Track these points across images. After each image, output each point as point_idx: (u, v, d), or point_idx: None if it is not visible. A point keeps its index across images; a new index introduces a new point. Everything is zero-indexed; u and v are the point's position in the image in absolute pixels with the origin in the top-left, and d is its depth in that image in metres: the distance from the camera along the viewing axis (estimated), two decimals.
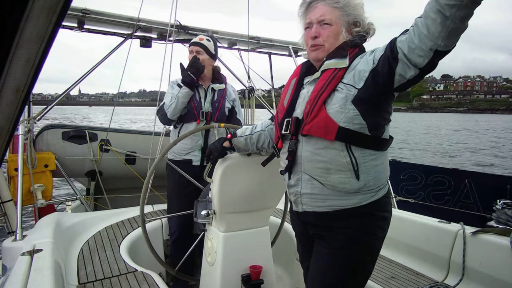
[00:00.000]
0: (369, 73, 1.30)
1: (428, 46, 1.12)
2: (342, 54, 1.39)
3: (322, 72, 1.42)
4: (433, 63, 1.17)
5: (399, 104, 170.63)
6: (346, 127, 1.31)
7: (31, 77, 0.47)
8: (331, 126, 1.32)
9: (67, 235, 2.33)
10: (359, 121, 1.31)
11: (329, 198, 1.38)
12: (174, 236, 2.66)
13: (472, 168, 12.95)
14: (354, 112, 1.31)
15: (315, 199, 1.41)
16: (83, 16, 3.21)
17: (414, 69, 1.20)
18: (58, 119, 26.21)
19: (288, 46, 4.47)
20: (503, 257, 1.97)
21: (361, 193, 1.36)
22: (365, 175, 1.35)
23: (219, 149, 1.84)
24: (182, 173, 2.34)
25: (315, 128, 1.35)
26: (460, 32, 1.10)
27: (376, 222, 1.42)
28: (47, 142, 3.62)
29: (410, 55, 1.17)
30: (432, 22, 1.09)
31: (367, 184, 1.36)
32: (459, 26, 1.07)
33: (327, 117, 1.33)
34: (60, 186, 7.26)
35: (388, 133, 1.42)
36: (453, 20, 1.04)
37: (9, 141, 0.56)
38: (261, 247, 2.10)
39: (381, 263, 2.41)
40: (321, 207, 1.41)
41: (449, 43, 1.11)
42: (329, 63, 1.40)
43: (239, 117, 2.88)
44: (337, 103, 1.32)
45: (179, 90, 2.59)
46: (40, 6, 0.40)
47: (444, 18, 1.05)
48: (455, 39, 1.11)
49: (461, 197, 4.03)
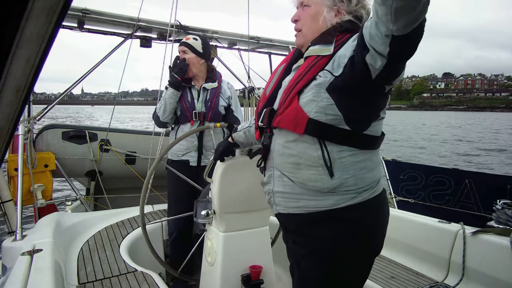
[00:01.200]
0: (348, 59, 1.14)
1: (382, 31, 0.99)
2: (328, 40, 1.23)
3: (305, 59, 1.29)
4: (397, 50, 1.01)
5: (399, 102, 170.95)
6: (317, 118, 1.17)
7: (31, 77, 0.47)
8: (301, 118, 1.19)
9: (67, 235, 2.33)
10: (332, 111, 1.16)
11: (303, 198, 1.23)
12: (172, 236, 2.67)
13: (472, 167, 12.98)
14: (328, 101, 1.16)
15: (288, 198, 1.27)
16: (83, 16, 3.21)
17: (381, 57, 1.04)
18: (60, 117, 26.26)
19: (288, 46, 4.47)
20: (503, 257, 1.97)
21: (337, 193, 1.19)
22: (341, 173, 1.18)
23: (225, 143, 1.82)
24: (180, 175, 2.35)
25: (285, 121, 1.23)
26: (411, 10, 0.91)
27: (357, 230, 1.22)
28: (47, 142, 3.62)
29: (372, 43, 1.04)
30: (377, 5, 0.95)
31: (344, 183, 1.18)
32: (402, 3, 0.90)
33: (297, 108, 1.20)
34: (60, 186, 7.25)
35: (377, 130, 1.25)
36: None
37: (9, 141, 0.56)
38: (261, 247, 2.10)
39: (381, 263, 2.41)
40: (294, 208, 1.26)
41: (401, 26, 0.94)
42: (313, 49, 1.26)
43: (237, 114, 2.84)
44: (310, 91, 1.19)
45: (166, 92, 2.62)
46: (40, 6, 0.40)
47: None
48: (406, 20, 0.93)
49: (461, 197, 4.02)
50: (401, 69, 1.12)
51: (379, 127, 1.27)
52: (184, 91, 2.67)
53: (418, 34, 0.99)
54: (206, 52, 2.73)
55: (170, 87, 2.60)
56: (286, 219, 1.34)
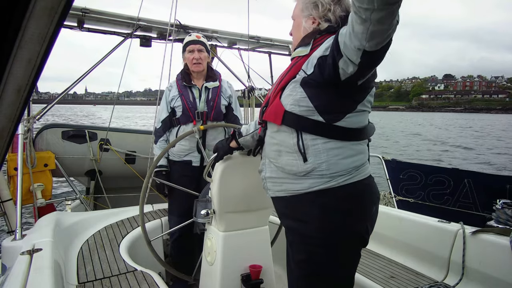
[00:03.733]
0: (316, 60, 1.27)
1: (355, 45, 1.08)
2: (306, 42, 1.39)
3: (291, 60, 1.46)
4: (367, 61, 1.12)
5: (399, 103, 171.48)
6: (292, 110, 1.32)
7: (32, 77, 0.47)
8: (279, 111, 1.35)
9: (66, 234, 2.33)
10: (305, 104, 1.30)
11: (285, 182, 1.38)
12: (174, 236, 2.66)
13: (471, 167, 13.07)
14: (301, 95, 1.31)
15: (275, 183, 1.42)
16: (83, 16, 3.20)
17: (352, 65, 1.15)
18: (62, 116, 26.20)
19: (288, 46, 4.47)
20: (503, 257, 1.97)
21: (311, 177, 1.30)
22: (314, 158, 1.29)
23: (225, 148, 1.84)
24: (171, 185, 2.40)
25: (268, 114, 1.42)
26: (384, 33, 1.02)
27: (331, 213, 1.30)
28: (47, 141, 3.62)
29: (345, 51, 1.14)
30: (355, 21, 1.04)
31: (317, 167, 1.29)
32: (378, 28, 1.00)
33: (278, 102, 1.37)
34: (60, 186, 7.25)
35: (356, 122, 1.33)
36: (371, 23, 0.99)
37: (10, 142, 0.56)
38: (260, 247, 2.10)
39: (380, 263, 2.41)
40: (280, 192, 1.40)
41: (373, 44, 1.05)
42: (296, 51, 1.43)
43: (236, 113, 2.83)
44: (289, 87, 1.35)
45: (154, 148, 2.71)
46: (42, 6, 0.40)
47: (362, 20, 1.01)
48: (378, 40, 1.04)
49: (460, 196, 4.03)
50: (368, 73, 1.23)
51: (358, 119, 1.34)
52: (185, 90, 2.65)
53: (386, 50, 1.11)
54: (209, 50, 2.75)
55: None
56: (276, 203, 1.47)
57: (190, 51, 2.64)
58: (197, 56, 2.61)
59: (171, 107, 2.65)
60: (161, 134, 2.69)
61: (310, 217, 1.32)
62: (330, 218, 1.30)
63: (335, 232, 1.31)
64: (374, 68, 1.23)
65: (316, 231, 1.31)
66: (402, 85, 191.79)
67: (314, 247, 1.33)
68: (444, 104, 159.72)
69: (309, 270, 1.37)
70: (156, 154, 2.68)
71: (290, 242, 1.44)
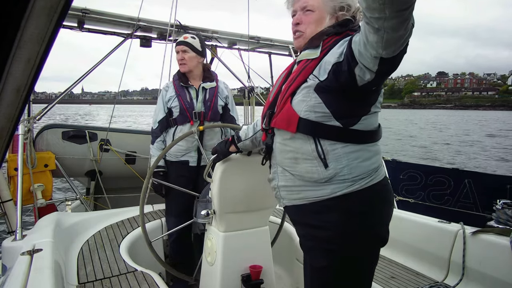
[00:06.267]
0: (331, 66, 1.22)
1: (371, 54, 1.06)
2: (315, 44, 1.33)
3: (298, 63, 1.39)
4: (386, 68, 1.10)
5: (391, 101, 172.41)
6: (307, 117, 1.26)
7: (31, 77, 0.47)
8: (292, 118, 1.29)
9: (67, 235, 2.33)
10: (321, 110, 1.25)
11: (303, 189, 1.32)
12: (172, 236, 2.66)
13: (471, 167, 13.06)
14: (316, 100, 1.26)
15: (291, 191, 1.36)
16: (83, 16, 3.21)
17: (370, 72, 1.12)
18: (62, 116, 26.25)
19: (288, 46, 4.47)
20: (503, 257, 1.97)
21: (333, 182, 1.26)
22: (336, 163, 1.26)
23: (224, 152, 1.84)
24: (169, 185, 2.39)
25: (279, 121, 1.35)
26: (400, 39, 1.00)
27: (356, 217, 1.28)
28: (47, 141, 3.62)
29: (361, 59, 1.11)
30: (368, 31, 1.02)
31: (338, 173, 1.26)
32: (393, 35, 0.98)
33: (289, 108, 1.31)
34: (60, 186, 7.25)
35: (370, 124, 1.31)
36: (385, 31, 0.97)
37: (10, 142, 0.56)
38: (261, 247, 2.10)
39: (381, 263, 2.41)
40: (297, 200, 1.35)
41: (390, 51, 1.03)
42: (303, 54, 1.37)
43: (233, 114, 2.83)
44: (300, 92, 1.29)
45: (152, 148, 2.72)
46: (41, 6, 0.40)
47: (375, 30, 0.99)
48: (395, 47, 1.02)
49: (460, 197, 4.03)
50: (386, 78, 1.20)
51: (372, 120, 1.32)
52: (182, 91, 2.65)
53: (404, 53, 1.08)
54: (204, 51, 2.73)
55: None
56: (292, 211, 1.42)
57: (176, 52, 2.69)
58: (180, 57, 2.64)
59: (168, 107, 2.66)
60: (158, 135, 2.70)
61: (332, 223, 1.28)
62: (353, 222, 1.28)
63: (357, 236, 1.29)
64: (392, 73, 1.17)
65: (337, 237, 1.28)
66: (395, 83, 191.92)
67: (335, 252, 1.30)
68: (435, 101, 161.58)
69: (330, 276, 1.33)
70: (154, 154, 2.68)
71: (307, 249, 1.39)
